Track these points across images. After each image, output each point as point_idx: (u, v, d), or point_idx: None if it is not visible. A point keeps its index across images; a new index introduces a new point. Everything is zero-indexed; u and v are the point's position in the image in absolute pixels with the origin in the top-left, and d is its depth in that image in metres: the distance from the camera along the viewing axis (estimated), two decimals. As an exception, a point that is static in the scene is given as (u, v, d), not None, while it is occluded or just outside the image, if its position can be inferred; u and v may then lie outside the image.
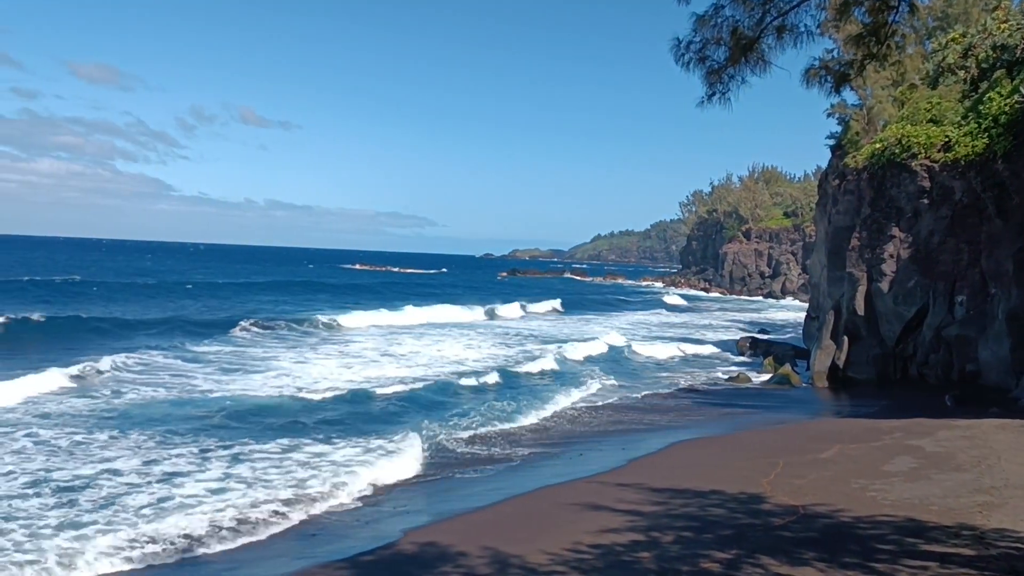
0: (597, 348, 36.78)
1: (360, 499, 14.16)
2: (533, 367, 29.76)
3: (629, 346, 38.32)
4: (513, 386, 26.13)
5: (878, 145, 29.11)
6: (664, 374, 31.67)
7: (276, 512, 12.92)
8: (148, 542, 11.36)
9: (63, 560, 10.61)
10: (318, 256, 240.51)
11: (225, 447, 16.70)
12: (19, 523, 11.82)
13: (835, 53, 11.08)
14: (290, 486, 14.19)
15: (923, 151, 27.02)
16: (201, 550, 11.46)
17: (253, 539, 12.01)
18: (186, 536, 11.71)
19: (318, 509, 13.40)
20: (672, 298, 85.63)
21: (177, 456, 15.87)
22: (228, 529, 12.16)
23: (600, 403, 24.16)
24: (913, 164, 27.28)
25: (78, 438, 16.83)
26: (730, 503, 12.87)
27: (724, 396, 26.93)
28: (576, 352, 34.85)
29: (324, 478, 14.78)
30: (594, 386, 26.75)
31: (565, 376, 28.60)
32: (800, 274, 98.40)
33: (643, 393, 26.60)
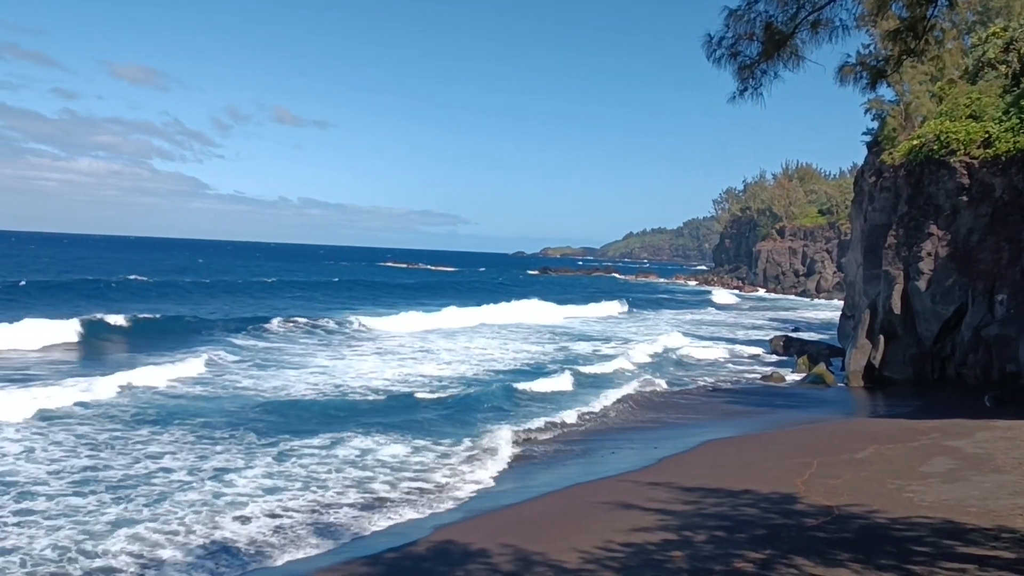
0: (653, 348, 36.48)
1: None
2: (588, 369, 29.65)
3: (680, 347, 37.89)
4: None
5: (916, 141, 28.66)
6: (697, 372, 31.47)
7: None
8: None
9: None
10: (352, 254, 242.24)
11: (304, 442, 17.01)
12: (71, 519, 12.11)
13: (872, 48, 10.93)
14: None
15: (962, 147, 26.56)
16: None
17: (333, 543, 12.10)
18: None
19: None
20: (721, 296, 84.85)
21: (292, 458, 16.10)
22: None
23: (633, 401, 24.02)
24: (952, 161, 26.83)
25: (143, 432, 17.32)
26: (763, 503, 12.76)
27: (757, 395, 26.69)
28: (636, 353, 34.78)
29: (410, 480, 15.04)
30: (632, 385, 26.49)
31: (608, 377, 28.41)
32: (835, 272, 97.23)
33: (675, 391, 26.43)
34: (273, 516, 12.67)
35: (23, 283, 54.28)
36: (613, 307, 64.31)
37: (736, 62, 9.20)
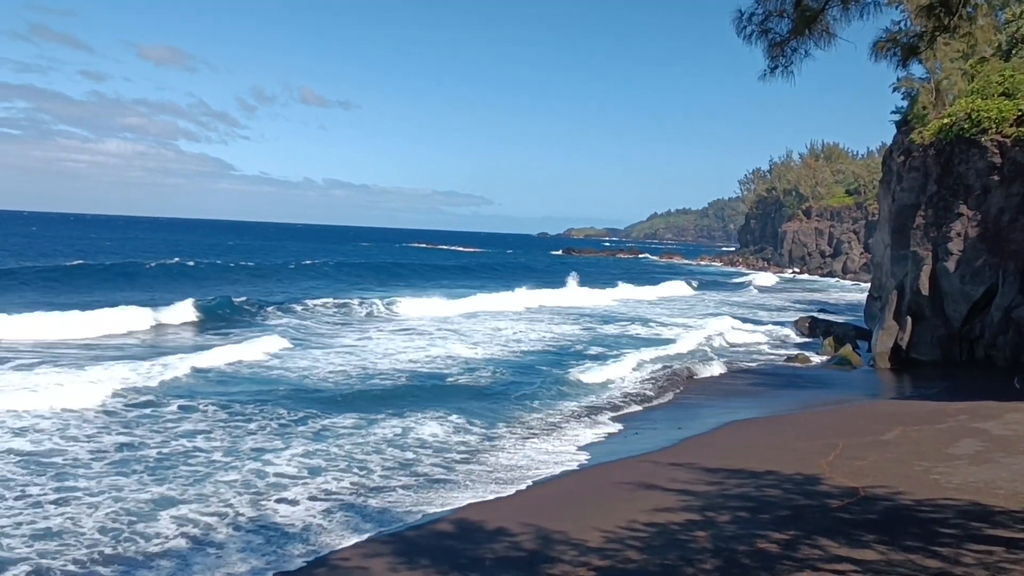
0: (690, 333, 35.58)
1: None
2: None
3: (717, 329, 37.33)
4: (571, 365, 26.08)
5: (946, 120, 28.19)
6: (726, 355, 31.28)
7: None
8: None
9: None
10: (376, 235, 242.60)
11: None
12: (108, 495, 12.30)
13: (903, 25, 10.72)
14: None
15: (994, 126, 26.10)
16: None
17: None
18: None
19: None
20: (762, 279, 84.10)
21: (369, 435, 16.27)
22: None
23: (656, 382, 23.96)
24: (983, 139, 26.38)
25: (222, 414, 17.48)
26: (786, 484, 12.73)
27: (781, 376, 26.54)
28: (668, 334, 34.57)
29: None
30: (657, 367, 26.33)
31: (636, 358, 28.24)
32: (862, 253, 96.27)
33: (700, 374, 26.33)
34: (325, 495, 12.73)
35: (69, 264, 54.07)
36: (672, 288, 63.68)
37: (767, 39, 9.08)
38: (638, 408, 20.65)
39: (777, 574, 8.78)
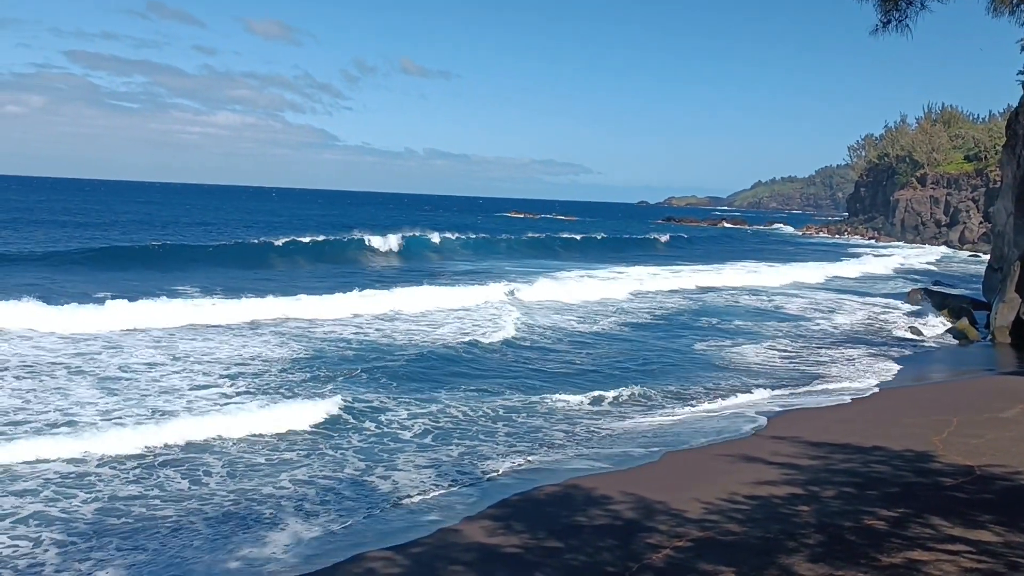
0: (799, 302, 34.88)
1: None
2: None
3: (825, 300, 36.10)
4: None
5: (1079, 79, 26.34)
6: (830, 325, 30.35)
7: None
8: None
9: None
10: (473, 205, 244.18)
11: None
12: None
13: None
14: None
15: None
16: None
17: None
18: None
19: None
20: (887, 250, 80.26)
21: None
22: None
23: (767, 355, 23.44)
24: (1121, 99, 24.55)
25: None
26: (896, 460, 12.30)
27: (891, 349, 25.54)
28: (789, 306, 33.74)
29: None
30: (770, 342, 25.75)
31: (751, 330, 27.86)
32: (981, 223, 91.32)
33: (806, 344, 25.61)
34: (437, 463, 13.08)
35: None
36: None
37: (880, -9, 8.65)
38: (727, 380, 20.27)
39: (885, 552, 8.51)
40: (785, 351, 24.32)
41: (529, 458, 13.22)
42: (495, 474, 12.39)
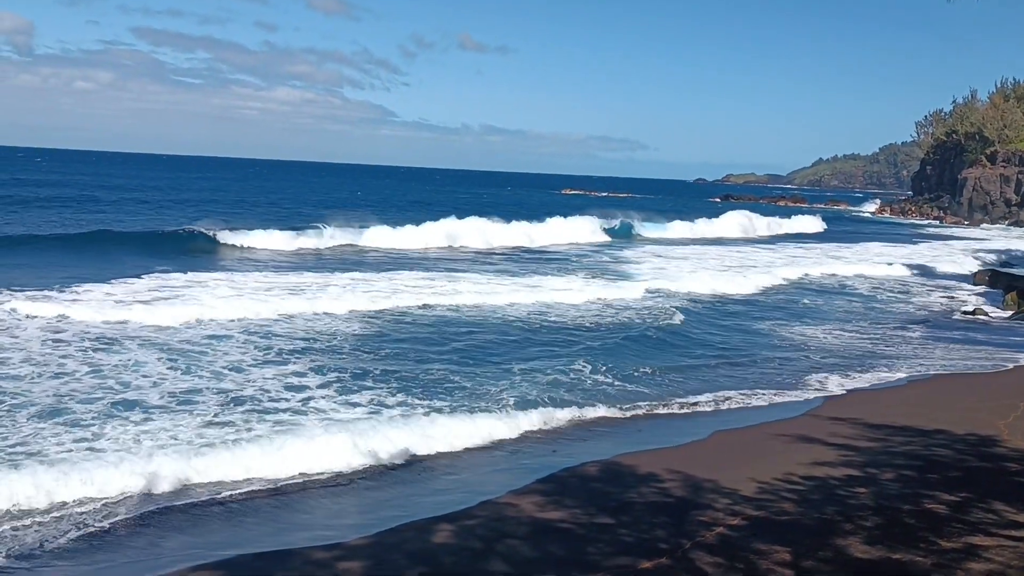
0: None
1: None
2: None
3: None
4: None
5: None
6: (897, 305, 29.71)
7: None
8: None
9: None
10: (528, 180, 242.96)
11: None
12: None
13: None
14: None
15: None
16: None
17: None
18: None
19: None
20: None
21: None
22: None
23: (826, 335, 23.06)
24: None
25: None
26: (958, 444, 12.04)
27: (956, 331, 24.90)
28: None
29: None
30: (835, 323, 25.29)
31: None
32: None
33: (868, 324, 25.09)
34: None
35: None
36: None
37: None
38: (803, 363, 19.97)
39: (945, 536, 8.36)
40: (846, 332, 23.89)
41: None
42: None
